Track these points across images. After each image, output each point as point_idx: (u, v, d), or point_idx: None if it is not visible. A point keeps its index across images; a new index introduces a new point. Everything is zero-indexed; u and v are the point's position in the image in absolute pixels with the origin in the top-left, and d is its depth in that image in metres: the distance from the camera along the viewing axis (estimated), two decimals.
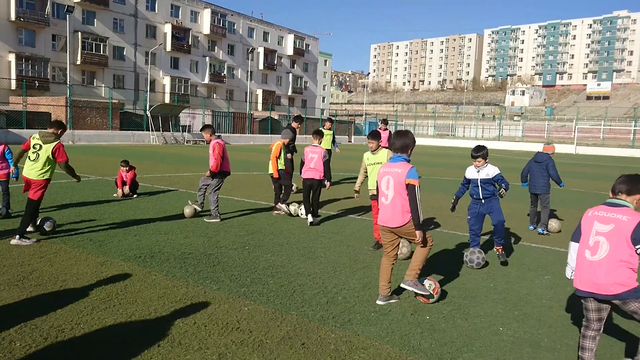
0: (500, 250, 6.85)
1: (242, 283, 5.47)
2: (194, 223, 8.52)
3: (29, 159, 6.83)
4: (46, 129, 7.00)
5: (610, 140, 53.81)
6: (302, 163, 9.05)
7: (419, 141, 61.09)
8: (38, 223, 7.21)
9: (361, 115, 77.71)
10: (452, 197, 7.04)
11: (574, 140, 49.65)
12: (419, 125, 74.69)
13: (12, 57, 45.65)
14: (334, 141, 13.96)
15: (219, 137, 9.05)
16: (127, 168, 11.11)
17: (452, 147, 52.02)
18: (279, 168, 9.81)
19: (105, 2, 52.44)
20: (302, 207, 9.29)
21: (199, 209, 9.16)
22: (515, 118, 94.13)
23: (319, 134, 9.19)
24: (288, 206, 9.59)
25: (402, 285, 5.05)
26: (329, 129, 13.67)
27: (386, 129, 14.68)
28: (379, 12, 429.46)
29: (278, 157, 9.79)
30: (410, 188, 4.75)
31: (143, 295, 4.96)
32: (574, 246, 3.85)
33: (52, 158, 6.77)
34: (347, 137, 56.21)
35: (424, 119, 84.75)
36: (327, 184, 9.47)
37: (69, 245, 6.72)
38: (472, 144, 14.81)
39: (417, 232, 4.76)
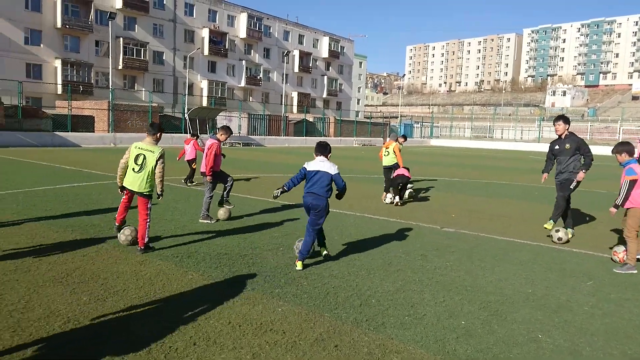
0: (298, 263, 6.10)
1: (276, 284, 5.51)
2: (230, 224, 8.64)
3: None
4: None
5: None
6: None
7: (454, 143, 60.28)
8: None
9: (396, 117, 77.16)
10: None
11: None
12: (455, 127, 73.48)
13: (58, 63, 47.58)
14: None
15: (212, 135, 9.38)
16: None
17: (488, 150, 50.94)
18: None
19: (145, 8, 53.98)
20: None
21: (231, 206, 9.83)
22: None
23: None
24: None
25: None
26: None
27: None
28: (415, 13, 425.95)
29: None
30: (631, 182, 6.65)
31: (180, 295, 5.07)
32: None
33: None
34: (382, 139, 56.10)
35: (461, 120, 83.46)
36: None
37: (109, 244, 6.93)
38: (510, 146, 14.45)
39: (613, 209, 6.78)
